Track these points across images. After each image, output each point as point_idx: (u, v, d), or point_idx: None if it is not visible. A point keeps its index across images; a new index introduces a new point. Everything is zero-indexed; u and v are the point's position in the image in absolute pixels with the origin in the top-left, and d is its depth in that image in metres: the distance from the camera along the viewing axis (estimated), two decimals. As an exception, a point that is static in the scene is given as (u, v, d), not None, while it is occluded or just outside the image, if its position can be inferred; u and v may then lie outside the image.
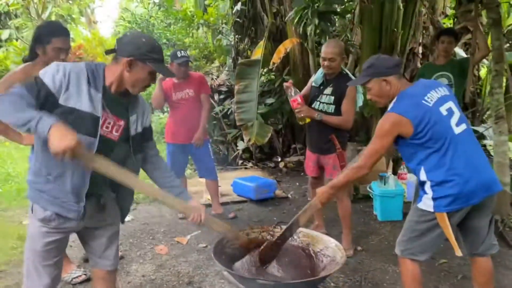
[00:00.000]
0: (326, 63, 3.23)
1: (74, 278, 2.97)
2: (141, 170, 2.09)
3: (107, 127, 1.83)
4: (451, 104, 2.18)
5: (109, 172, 1.77)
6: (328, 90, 3.30)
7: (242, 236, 2.40)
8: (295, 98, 3.27)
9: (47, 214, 1.83)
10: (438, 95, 2.18)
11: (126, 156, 1.93)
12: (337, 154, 3.27)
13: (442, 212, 2.09)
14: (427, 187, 2.14)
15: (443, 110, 2.14)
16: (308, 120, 3.33)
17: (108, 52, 1.92)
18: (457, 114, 2.17)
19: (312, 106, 3.38)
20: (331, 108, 3.29)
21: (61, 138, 1.55)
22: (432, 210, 2.12)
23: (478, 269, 2.32)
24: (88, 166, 1.75)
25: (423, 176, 2.15)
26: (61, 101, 1.71)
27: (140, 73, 1.80)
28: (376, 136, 2.19)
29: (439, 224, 2.12)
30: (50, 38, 2.58)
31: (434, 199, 2.11)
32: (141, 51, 1.77)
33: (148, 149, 2.07)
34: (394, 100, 2.23)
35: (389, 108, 2.22)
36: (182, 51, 3.98)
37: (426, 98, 2.15)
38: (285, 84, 3.37)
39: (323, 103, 3.32)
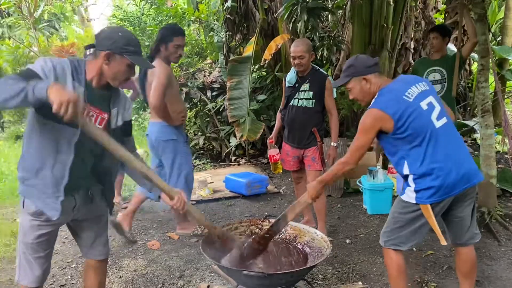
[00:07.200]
0: (296, 61, 3.37)
1: None
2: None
3: (89, 120, 1.87)
4: (431, 99, 2.23)
5: (100, 138, 1.77)
6: (305, 87, 3.44)
7: (224, 232, 2.41)
8: (273, 153, 3.67)
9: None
10: (418, 90, 2.23)
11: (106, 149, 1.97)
12: (317, 146, 3.46)
13: (425, 204, 2.15)
14: (410, 180, 2.19)
15: (423, 105, 2.19)
16: (280, 170, 3.76)
17: (87, 47, 2.00)
18: (437, 108, 2.22)
19: (290, 103, 3.52)
20: (311, 103, 3.43)
21: (62, 92, 1.56)
22: (414, 201, 2.18)
23: (462, 259, 2.37)
24: (82, 127, 1.73)
25: (406, 170, 2.20)
26: None
27: (118, 66, 1.87)
28: (359, 132, 2.24)
29: (423, 215, 2.18)
30: (172, 37, 3.28)
31: (416, 191, 2.16)
32: (118, 45, 1.84)
33: (126, 143, 2.07)
34: (376, 96, 2.28)
35: (370, 104, 2.26)
36: None
37: (406, 93, 2.19)
38: (269, 140, 3.75)
39: (301, 99, 3.45)
